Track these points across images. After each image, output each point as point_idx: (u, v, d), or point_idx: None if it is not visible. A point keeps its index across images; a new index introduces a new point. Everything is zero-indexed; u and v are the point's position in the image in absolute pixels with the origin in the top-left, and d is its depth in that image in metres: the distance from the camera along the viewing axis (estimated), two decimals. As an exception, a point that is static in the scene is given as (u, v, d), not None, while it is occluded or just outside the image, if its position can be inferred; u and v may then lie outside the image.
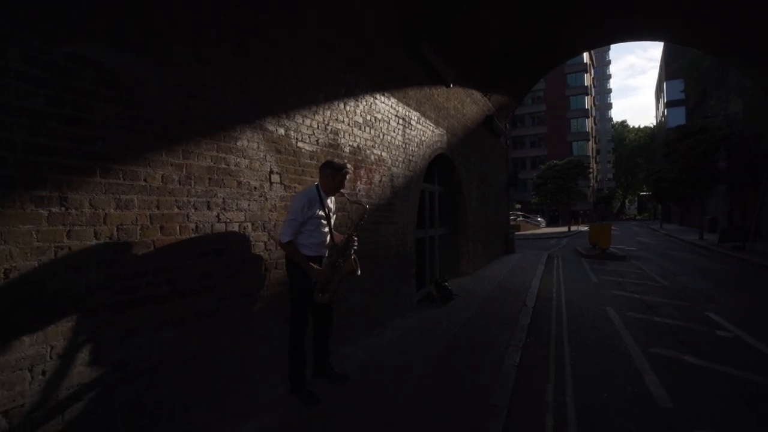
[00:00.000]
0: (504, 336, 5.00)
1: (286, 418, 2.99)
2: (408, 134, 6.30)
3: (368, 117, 5.12)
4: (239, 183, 3.16)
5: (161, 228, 2.56)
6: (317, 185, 3.41)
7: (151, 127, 2.51)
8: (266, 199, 3.44)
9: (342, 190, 3.51)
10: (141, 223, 2.44)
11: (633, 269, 11.32)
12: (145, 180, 2.47)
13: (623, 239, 22.51)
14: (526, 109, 57.84)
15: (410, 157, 6.37)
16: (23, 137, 1.91)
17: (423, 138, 6.92)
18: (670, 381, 3.83)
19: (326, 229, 3.42)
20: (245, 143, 3.22)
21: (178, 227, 2.67)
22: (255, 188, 3.32)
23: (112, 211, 2.28)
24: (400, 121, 6.05)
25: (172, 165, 2.64)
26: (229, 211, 3.07)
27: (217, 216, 2.97)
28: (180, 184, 2.69)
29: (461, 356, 4.32)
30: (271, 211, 3.49)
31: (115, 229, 2.30)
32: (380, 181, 5.39)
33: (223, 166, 3.03)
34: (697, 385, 3.75)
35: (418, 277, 7.06)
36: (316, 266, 3.27)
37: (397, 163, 5.89)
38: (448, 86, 8.23)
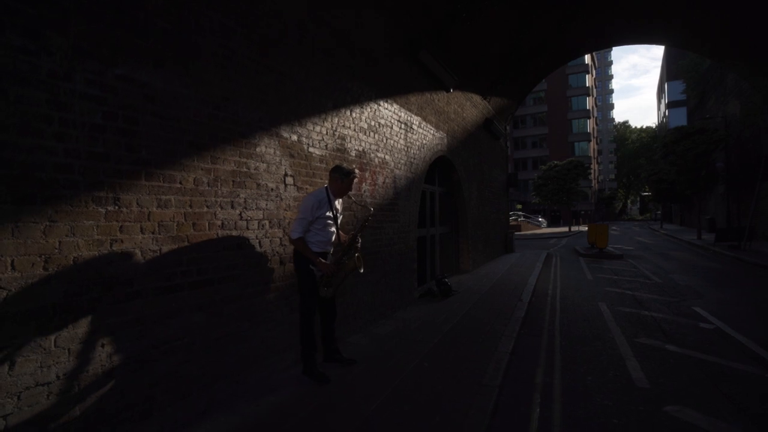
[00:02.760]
0: (499, 327, 5.35)
1: (301, 394, 3.35)
2: (410, 138, 6.66)
3: (372, 123, 5.48)
4: (258, 185, 3.53)
5: (193, 224, 2.93)
6: (326, 187, 3.74)
7: (185, 136, 2.88)
8: (281, 199, 3.81)
9: (349, 193, 3.86)
10: (177, 220, 2.81)
11: (628, 267, 11.66)
12: (180, 183, 2.84)
13: (622, 239, 22.83)
14: (527, 109, 58.19)
15: (412, 160, 6.73)
16: (85, 147, 2.29)
17: (424, 141, 7.28)
18: (650, 366, 4.18)
19: (333, 229, 3.74)
20: (263, 149, 3.59)
21: (207, 224, 3.04)
22: (272, 189, 3.69)
23: (154, 209, 2.65)
24: (403, 126, 6.41)
25: (202, 169, 3.01)
26: (250, 210, 3.44)
27: (240, 214, 3.34)
28: (209, 186, 3.06)
29: (459, 344, 4.67)
30: (285, 210, 3.86)
31: (157, 225, 2.67)
32: (384, 182, 5.76)
33: (245, 170, 3.40)
34: (674, 370, 4.10)
35: (420, 273, 7.42)
36: (322, 260, 3.62)
37: (399, 165, 6.25)
38: (448, 91, 8.59)
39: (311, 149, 4.23)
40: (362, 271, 3.77)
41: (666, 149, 20.54)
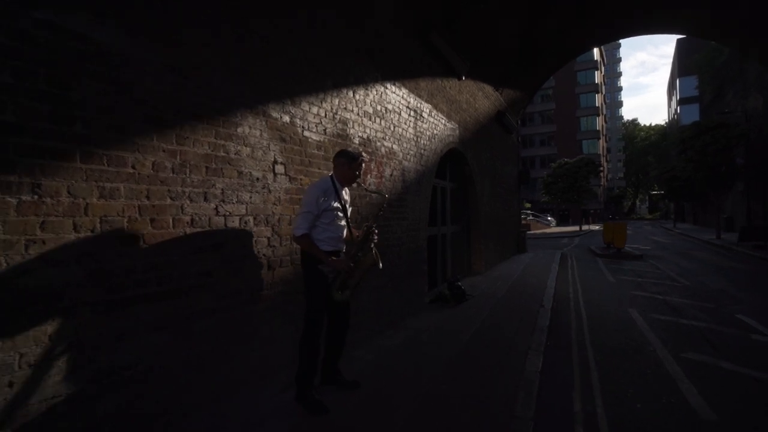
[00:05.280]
0: (522, 338, 4.71)
1: (292, 428, 2.73)
2: (419, 127, 6.02)
3: (378, 107, 4.85)
4: (240, 173, 2.91)
5: (152, 220, 2.31)
6: (332, 176, 3.16)
7: (141, 108, 2.27)
8: (269, 191, 3.19)
9: (357, 180, 3.25)
10: (128, 214, 2.19)
11: (651, 269, 10.93)
12: (133, 167, 2.22)
13: (637, 238, 22.02)
14: (535, 107, 57.15)
15: (422, 151, 6.09)
16: (-13, 114, 1.67)
17: (435, 131, 6.64)
18: (709, 390, 3.51)
19: (343, 223, 3.15)
20: (246, 130, 2.97)
21: (171, 220, 2.42)
22: (257, 179, 3.07)
23: (94, 200, 2.04)
24: (412, 113, 5.77)
25: (164, 151, 2.39)
26: (229, 203, 2.82)
27: (216, 208, 2.72)
28: (174, 172, 2.44)
29: (478, 360, 4.03)
30: (275, 204, 3.24)
31: (98, 220, 2.05)
32: (391, 175, 5.12)
33: (222, 154, 2.77)
34: (739, 395, 3.43)
35: (430, 276, 6.78)
36: (335, 258, 3.02)
37: (408, 156, 5.61)
38: (460, 79, 7.93)
39: (307, 133, 3.61)
40: (381, 266, 3.14)
41: (684, 144, 19.67)
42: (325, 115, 3.87)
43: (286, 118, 3.37)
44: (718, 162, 18.16)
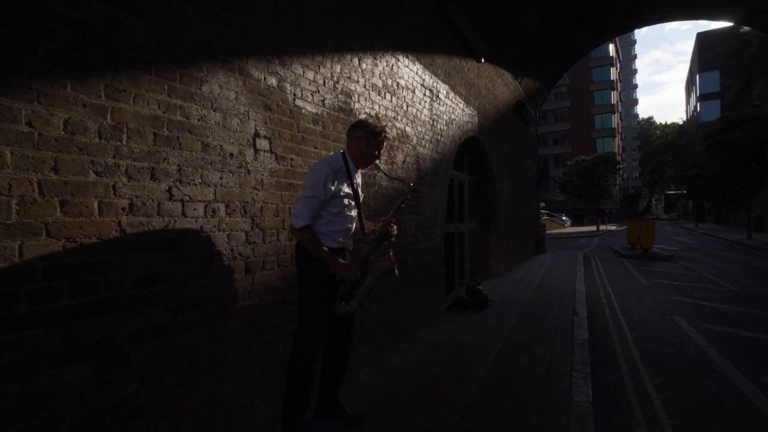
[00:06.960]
0: (560, 355, 3.94)
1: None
2: (436, 109, 5.27)
3: (389, 81, 4.12)
4: (206, 145, 2.20)
5: (63, 203, 1.61)
6: (343, 152, 2.45)
7: (47, 40, 1.56)
8: (248, 172, 2.47)
9: (377, 162, 2.53)
10: (20, 193, 1.49)
11: (685, 271, 10.03)
12: (29, 124, 1.51)
13: (660, 239, 20.95)
14: (548, 105, 55.81)
15: (438, 137, 5.34)
16: None
17: (453, 116, 5.88)
18: (817, 431, 2.72)
19: (353, 212, 2.45)
20: (216, 90, 2.25)
21: (96, 204, 1.71)
22: (231, 155, 2.35)
23: (-45, 169, 1.33)
24: (427, 93, 5.02)
25: (85, 106, 1.68)
26: (189, 184, 2.10)
27: (168, 191, 2.00)
28: (101, 137, 1.73)
29: (511, 384, 3.27)
30: (255, 188, 2.52)
31: (-37, 200, 1.35)
32: (404, 161, 4.38)
33: (179, 118, 2.06)
34: None
35: (447, 279, 6.02)
36: (342, 261, 2.31)
37: (423, 141, 4.87)
38: (479, 61, 7.16)
39: (299, 102, 2.89)
40: (398, 273, 2.41)
41: (711, 140, 18.59)
42: (324, 82, 3.14)
43: (272, 81, 2.65)
44: (750, 157, 17.07)
